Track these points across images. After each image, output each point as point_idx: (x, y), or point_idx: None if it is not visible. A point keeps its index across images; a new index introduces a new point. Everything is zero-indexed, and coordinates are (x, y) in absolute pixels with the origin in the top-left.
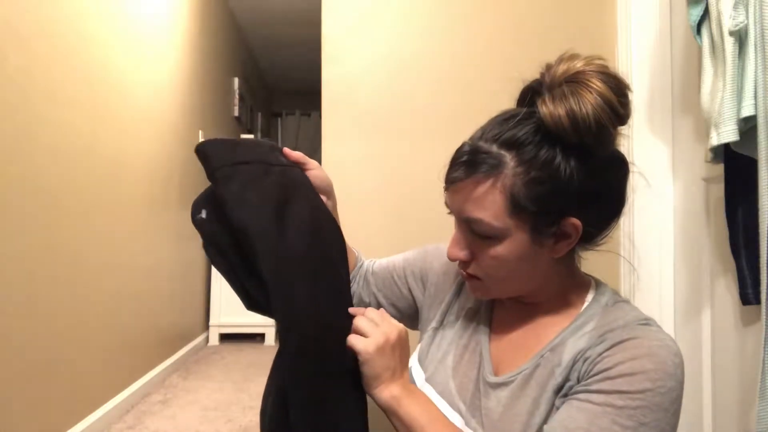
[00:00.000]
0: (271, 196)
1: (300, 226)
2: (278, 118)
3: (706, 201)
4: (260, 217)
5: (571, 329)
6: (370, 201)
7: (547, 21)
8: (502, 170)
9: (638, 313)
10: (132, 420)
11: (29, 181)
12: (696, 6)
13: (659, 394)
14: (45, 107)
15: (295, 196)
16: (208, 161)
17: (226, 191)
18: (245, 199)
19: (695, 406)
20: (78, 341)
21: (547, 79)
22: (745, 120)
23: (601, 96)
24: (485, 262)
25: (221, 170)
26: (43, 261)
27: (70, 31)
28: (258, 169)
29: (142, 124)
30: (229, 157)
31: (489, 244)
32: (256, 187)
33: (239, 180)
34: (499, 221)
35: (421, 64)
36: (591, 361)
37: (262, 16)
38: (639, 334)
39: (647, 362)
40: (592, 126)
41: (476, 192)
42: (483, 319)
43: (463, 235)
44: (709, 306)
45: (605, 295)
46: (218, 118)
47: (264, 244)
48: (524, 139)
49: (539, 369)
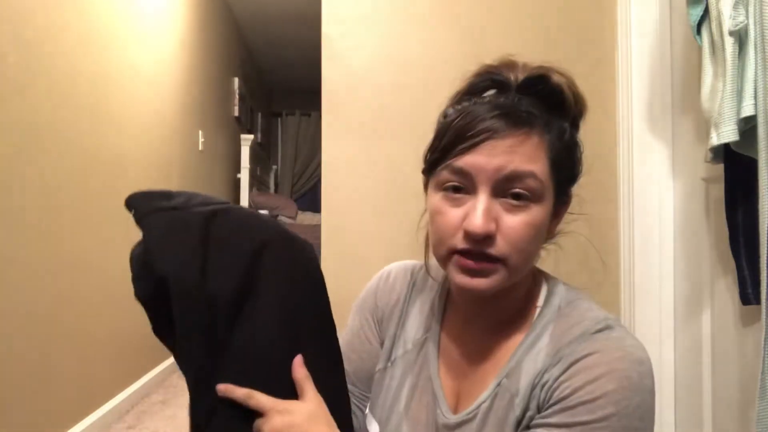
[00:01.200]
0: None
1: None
2: (278, 118)
3: (706, 201)
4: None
5: (526, 346)
6: (370, 201)
7: (548, 21)
8: (541, 129)
9: (595, 313)
10: (132, 420)
11: (29, 181)
12: (696, 6)
13: (625, 416)
14: (45, 107)
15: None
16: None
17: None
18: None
19: (695, 406)
20: (78, 341)
21: (512, 74)
22: (745, 120)
23: (572, 81)
24: (518, 233)
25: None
26: (43, 261)
27: (70, 31)
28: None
29: (142, 124)
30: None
31: (525, 208)
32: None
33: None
34: (546, 178)
35: (421, 63)
36: (549, 387)
37: (262, 15)
38: (597, 347)
39: (607, 383)
40: (583, 98)
41: (526, 144)
42: (431, 349)
43: (493, 202)
44: (709, 306)
45: (557, 295)
46: (218, 118)
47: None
48: (533, 110)
49: (497, 400)
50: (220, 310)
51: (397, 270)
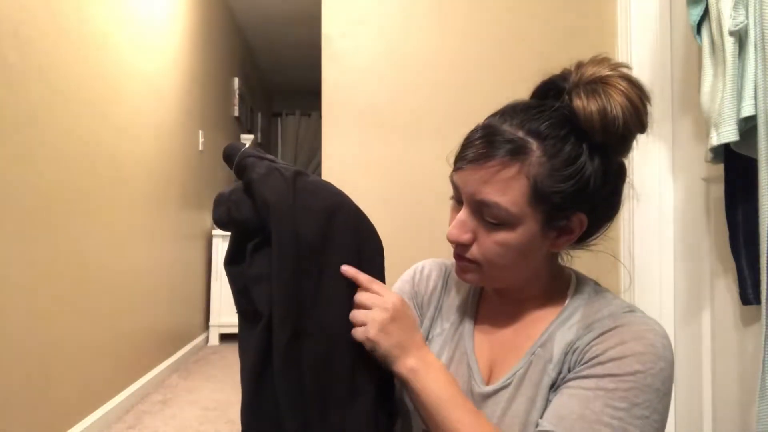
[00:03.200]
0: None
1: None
2: (278, 118)
3: (706, 201)
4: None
5: (558, 322)
6: (370, 200)
7: (547, 21)
8: (528, 157)
9: (621, 301)
10: (132, 420)
11: (29, 181)
12: (696, 6)
13: (650, 375)
14: (45, 107)
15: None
16: (235, 153)
17: (253, 173)
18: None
19: (695, 406)
20: (78, 341)
21: (575, 77)
22: (745, 120)
23: (630, 101)
24: (489, 248)
25: (250, 158)
26: (43, 261)
27: (70, 31)
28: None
29: (142, 125)
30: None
31: (498, 229)
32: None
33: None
34: (517, 208)
35: (421, 63)
36: (581, 350)
37: (262, 16)
38: (625, 321)
39: (636, 345)
40: (620, 127)
41: (500, 175)
42: (467, 328)
43: (470, 217)
44: (709, 306)
45: (587, 287)
46: (218, 118)
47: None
48: (550, 131)
49: (532, 367)
50: (302, 250)
51: (431, 264)
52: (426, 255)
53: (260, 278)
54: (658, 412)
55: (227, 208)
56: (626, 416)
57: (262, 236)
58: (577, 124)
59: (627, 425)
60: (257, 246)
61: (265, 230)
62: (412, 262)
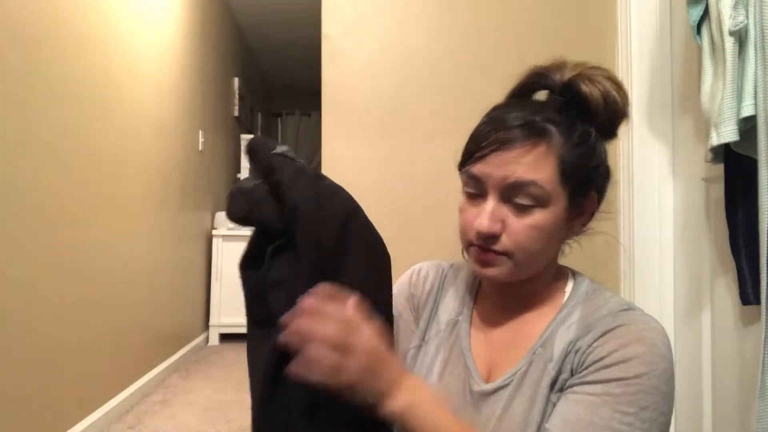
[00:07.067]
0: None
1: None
2: (278, 118)
3: (706, 201)
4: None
5: (558, 321)
6: (370, 200)
7: (547, 21)
8: (551, 138)
9: (618, 299)
10: (132, 420)
11: (29, 181)
12: (696, 6)
13: (654, 376)
14: (45, 107)
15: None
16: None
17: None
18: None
19: (695, 406)
20: (78, 341)
21: (567, 73)
22: (745, 120)
23: (617, 84)
24: (522, 233)
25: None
26: (43, 262)
27: (70, 32)
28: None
29: (142, 125)
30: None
31: (530, 212)
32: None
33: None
34: (551, 186)
35: (421, 63)
36: (582, 351)
37: (262, 16)
38: (626, 321)
39: (639, 347)
40: (619, 107)
41: (531, 155)
42: (464, 328)
43: (498, 206)
44: (709, 306)
45: (584, 284)
46: (218, 118)
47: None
48: (560, 116)
49: (533, 366)
50: (322, 256)
51: (428, 265)
52: (426, 255)
53: (278, 283)
54: (664, 413)
55: (249, 205)
56: (635, 420)
57: (285, 240)
58: (582, 108)
59: (636, 429)
60: (277, 249)
61: (287, 234)
62: (412, 262)
